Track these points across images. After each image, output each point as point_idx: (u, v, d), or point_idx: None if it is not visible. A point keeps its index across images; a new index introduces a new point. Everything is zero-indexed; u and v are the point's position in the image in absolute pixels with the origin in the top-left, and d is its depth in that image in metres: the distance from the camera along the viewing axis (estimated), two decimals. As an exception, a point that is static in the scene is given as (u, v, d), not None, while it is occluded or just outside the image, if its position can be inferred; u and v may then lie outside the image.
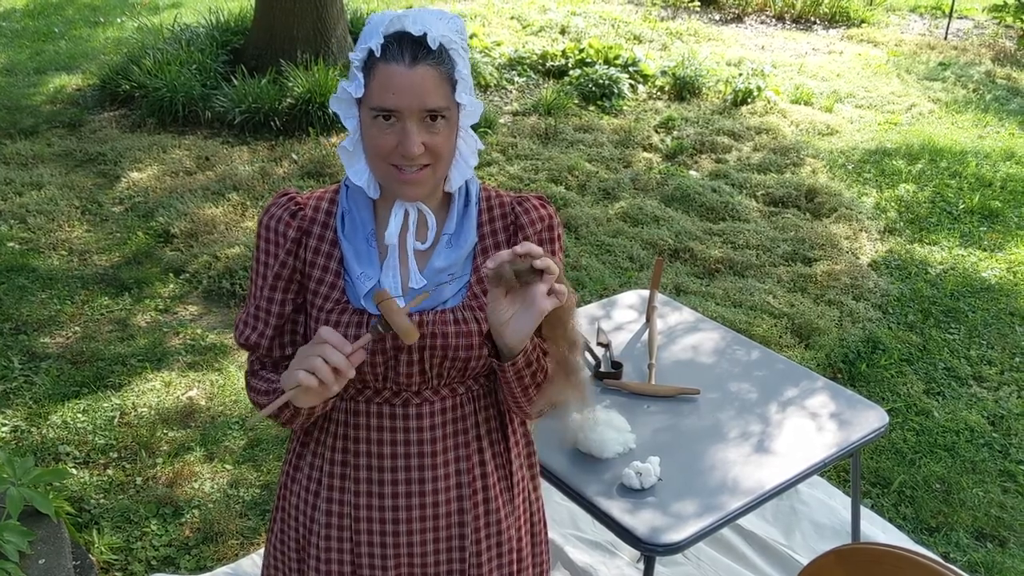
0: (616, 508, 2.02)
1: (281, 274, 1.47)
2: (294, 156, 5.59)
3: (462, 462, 1.52)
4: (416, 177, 1.37)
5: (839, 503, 3.08)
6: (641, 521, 1.98)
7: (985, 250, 4.97)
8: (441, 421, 1.49)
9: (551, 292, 1.32)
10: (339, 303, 1.44)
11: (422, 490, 1.49)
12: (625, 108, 6.76)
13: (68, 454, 3.19)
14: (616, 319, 2.78)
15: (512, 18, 8.87)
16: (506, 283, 1.31)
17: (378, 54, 1.32)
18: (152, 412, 3.41)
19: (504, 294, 1.33)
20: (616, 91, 6.86)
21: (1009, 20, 9.12)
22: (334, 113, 5.89)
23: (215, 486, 3.08)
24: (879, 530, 2.99)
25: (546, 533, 1.71)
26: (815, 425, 2.32)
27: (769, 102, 6.93)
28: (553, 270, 1.31)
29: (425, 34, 1.32)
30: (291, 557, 1.59)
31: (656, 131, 6.35)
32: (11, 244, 4.54)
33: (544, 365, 1.45)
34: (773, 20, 9.70)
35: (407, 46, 1.32)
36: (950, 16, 9.52)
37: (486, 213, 1.51)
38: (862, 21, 9.68)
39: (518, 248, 1.30)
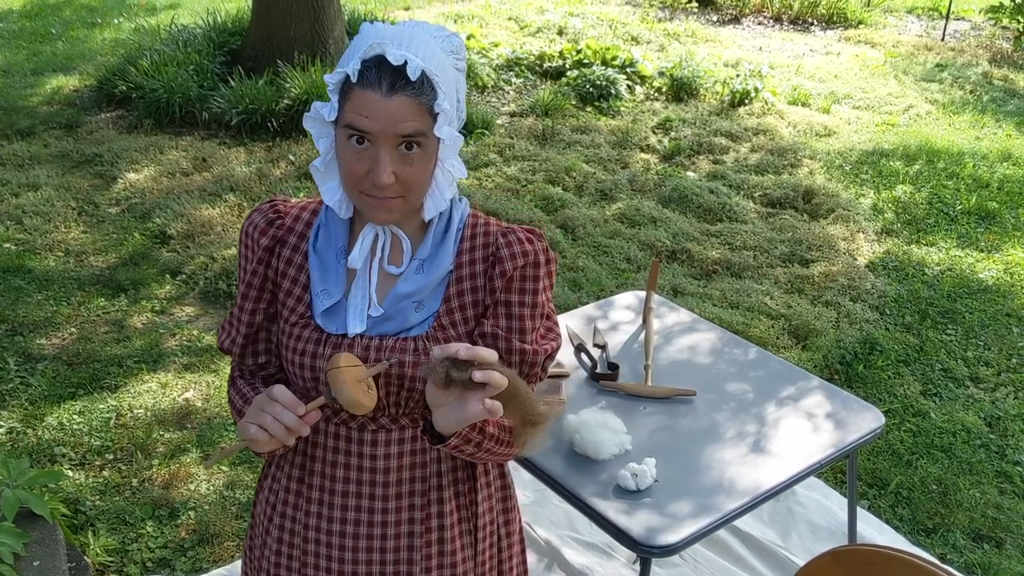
0: (612, 510, 2.01)
1: (253, 283, 1.44)
2: (291, 157, 5.58)
3: (416, 497, 1.44)
4: (387, 204, 1.32)
5: (836, 504, 3.08)
6: (637, 523, 1.98)
7: (982, 251, 4.97)
8: (398, 452, 1.42)
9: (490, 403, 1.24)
10: (303, 317, 1.41)
11: (371, 520, 1.43)
12: (622, 109, 6.76)
13: (64, 456, 3.18)
14: (613, 320, 2.78)
15: (510, 19, 8.87)
16: (434, 381, 1.23)
17: (354, 79, 1.26)
18: (148, 413, 3.40)
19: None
20: (613, 92, 6.86)
21: (1006, 21, 9.12)
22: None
23: (211, 488, 3.07)
24: (876, 531, 2.99)
25: None
26: (811, 426, 2.32)
27: (766, 103, 6.93)
28: (497, 385, 1.22)
29: (405, 63, 1.24)
30: (254, 568, 1.58)
31: (653, 132, 6.35)
32: (7, 245, 4.54)
33: (492, 434, 1.37)
34: (770, 21, 9.70)
35: (385, 74, 1.24)
36: (947, 17, 9.53)
37: (468, 241, 1.43)
38: (859, 22, 9.69)
39: (462, 351, 1.21)
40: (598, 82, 6.86)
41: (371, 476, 1.42)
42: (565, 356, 2.55)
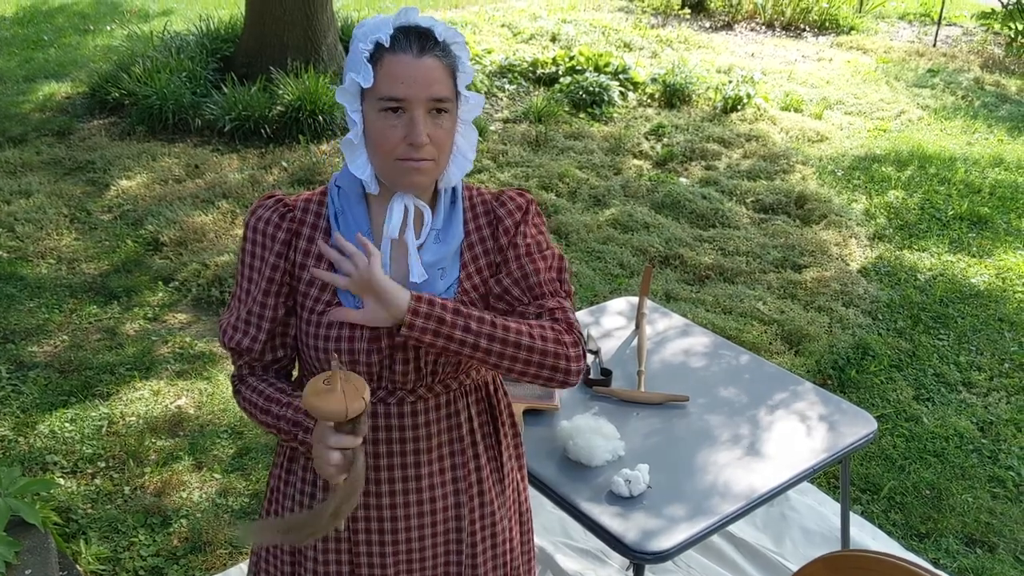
0: (605, 516, 2.01)
1: (273, 278, 1.47)
2: (284, 164, 5.58)
3: (457, 456, 1.54)
4: (423, 165, 1.40)
5: (829, 509, 3.08)
6: (630, 529, 1.97)
7: (974, 256, 4.99)
8: (435, 417, 1.50)
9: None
10: (330, 304, 1.45)
11: (419, 487, 1.51)
12: (615, 115, 6.77)
13: (55, 464, 3.17)
14: (606, 326, 2.78)
15: (503, 26, 8.89)
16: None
17: (387, 44, 1.38)
18: (140, 421, 3.39)
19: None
20: (606, 98, 6.88)
21: (997, 27, 9.17)
22: (326, 120, 5.92)
23: (203, 495, 3.06)
24: (869, 536, 2.99)
25: (531, 523, 1.73)
26: (804, 431, 2.32)
27: (759, 109, 6.95)
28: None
29: (432, 27, 1.40)
30: (284, 561, 1.59)
31: (646, 138, 6.36)
32: (-1, 252, 4.53)
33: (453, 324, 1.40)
34: (763, 27, 9.74)
35: (415, 38, 1.38)
36: (939, 23, 9.57)
37: (470, 211, 1.54)
38: (851, 28, 9.73)
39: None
40: (591, 88, 6.87)
41: (415, 445, 1.50)
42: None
